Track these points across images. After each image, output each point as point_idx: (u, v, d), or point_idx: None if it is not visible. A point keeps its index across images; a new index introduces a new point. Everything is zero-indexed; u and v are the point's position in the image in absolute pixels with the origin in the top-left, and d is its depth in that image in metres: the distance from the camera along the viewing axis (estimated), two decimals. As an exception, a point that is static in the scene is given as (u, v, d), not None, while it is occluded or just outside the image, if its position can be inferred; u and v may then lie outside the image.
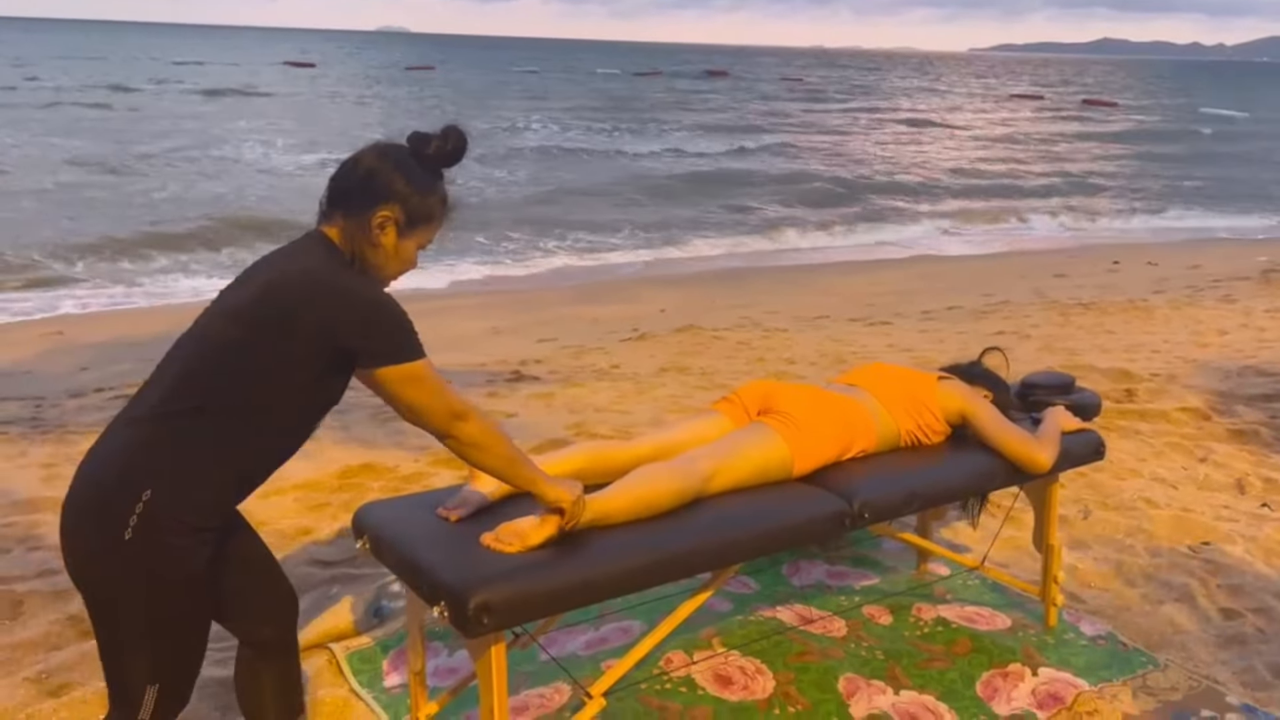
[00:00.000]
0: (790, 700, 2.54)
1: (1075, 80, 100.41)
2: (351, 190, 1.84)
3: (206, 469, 1.75)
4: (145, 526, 1.69)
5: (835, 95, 57.90)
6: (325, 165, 21.68)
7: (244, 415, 1.76)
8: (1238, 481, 4.30)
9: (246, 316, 1.76)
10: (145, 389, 1.81)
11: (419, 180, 1.86)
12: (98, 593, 1.75)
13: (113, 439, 1.77)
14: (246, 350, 1.74)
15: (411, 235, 1.87)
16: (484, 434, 1.86)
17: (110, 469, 1.72)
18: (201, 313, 1.86)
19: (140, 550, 1.69)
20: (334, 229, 1.86)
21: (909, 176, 24.21)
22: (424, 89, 49.08)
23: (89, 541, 1.71)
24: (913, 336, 8.26)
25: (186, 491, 1.73)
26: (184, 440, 1.73)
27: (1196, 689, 2.69)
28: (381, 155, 1.86)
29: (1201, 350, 7.06)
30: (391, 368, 1.77)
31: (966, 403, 2.75)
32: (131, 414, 1.78)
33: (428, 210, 1.87)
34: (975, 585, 3.25)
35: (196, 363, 1.76)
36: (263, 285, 1.78)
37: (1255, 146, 34.34)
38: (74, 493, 1.75)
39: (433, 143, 1.88)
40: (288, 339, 1.74)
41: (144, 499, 1.68)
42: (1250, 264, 12.90)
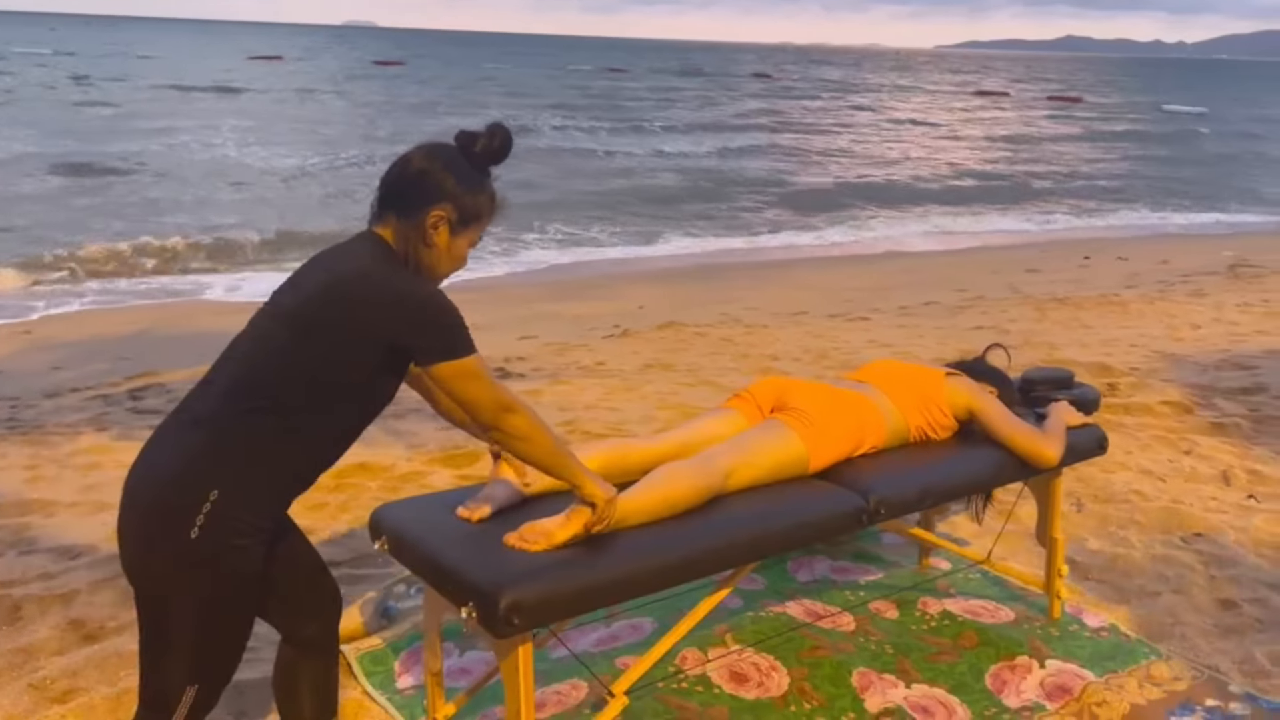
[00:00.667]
0: (806, 696, 2.56)
1: (1041, 77, 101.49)
2: (404, 191, 1.86)
3: (269, 469, 1.79)
4: (212, 526, 1.72)
5: (808, 92, 58.15)
6: (304, 169, 21.52)
7: (303, 416, 1.79)
8: (1223, 474, 4.37)
9: (303, 319, 1.78)
10: (200, 391, 1.83)
11: (469, 179, 1.88)
12: (157, 590, 1.76)
13: (172, 440, 1.79)
14: (304, 352, 1.77)
15: (463, 234, 1.89)
16: (531, 427, 1.89)
17: (174, 469, 1.74)
18: (255, 314, 1.89)
19: (205, 549, 1.72)
20: (387, 230, 1.88)
21: (878, 172, 24.39)
22: (396, 85, 48.65)
23: (154, 541, 1.73)
24: (892, 332, 8.32)
25: (250, 492, 1.77)
26: (247, 441, 1.76)
27: (1199, 679, 2.74)
28: (431, 155, 1.88)
29: (1177, 344, 7.17)
30: (446, 364, 1.80)
31: (974, 399, 2.78)
32: (189, 415, 1.80)
33: (478, 208, 1.89)
34: (977, 579, 3.28)
35: (254, 365, 1.79)
36: (319, 287, 1.80)
37: (1215, 142, 34.92)
38: (135, 493, 1.77)
39: (480, 140, 1.90)
40: (345, 340, 1.77)
41: (211, 499, 1.72)
42: (1216, 259, 13.12)
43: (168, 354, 7.69)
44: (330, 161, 21.87)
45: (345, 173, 20.52)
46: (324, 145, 24.82)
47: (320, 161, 21.88)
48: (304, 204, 17.30)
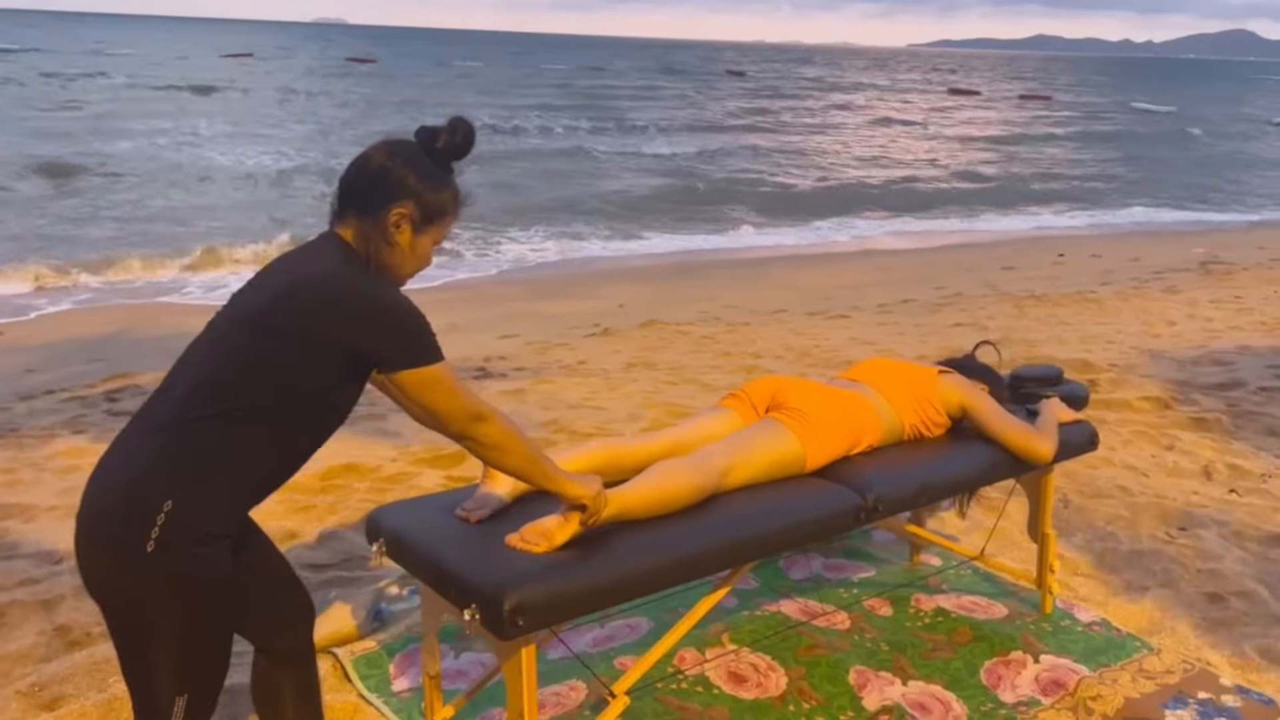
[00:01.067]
0: (804, 696, 2.56)
1: (1015, 76, 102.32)
2: (364, 189, 1.80)
3: (227, 477, 1.71)
4: (167, 537, 1.65)
5: (784, 91, 58.31)
6: (282, 168, 21.33)
7: (263, 422, 1.72)
8: (1204, 468, 4.42)
9: (264, 322, 1.71)
10: (157, 398, 1.76)
11: (431, 175, 1.82)
12: (120, 605, 1.70)
13: (127, 449, 1.72)
14: (265, 356, 1.70)
15: (427, 232, 1.83)
16: (504, 435, 1.83)
17: (128, 480, 1.68)
18: (214, 316, 1.82)
19: (163, 561, 1.66)
20: (347, 230, 1.81)
21: (853, 171, 24.51)
22: (370, 83, 48.30)
23: (110, 554, 1.67)
24: (872, 329, 8.36)
25: (207, 500, 1.69)
26: (203, 449, 1.69)
27: (1191, 671, 2.76)
28: (391, 152, 1.81)
29: (1154, 340, 7.25)
30: (410, 372, 1.74)
31: (967, 396, 2.79)
32: (145, 424, 1.73)
33: (441, 205, 1.83)
34: (968, 575, 3.30)
35: (213, 370, 1.72)
36: (279, 290, 1.74)
37: (1184, 140, 35.35)
38: (90, 505, 1.70)
39: (441, 136, 1.84)
40: (306, 344, 1.71)
41: (165, 510, 1.65)
42: (1187, 256, 13.28)
43: (143, 355, 7.59)
44: (308, 161, 21.69)
45: (321, 172, 20.36)
46: (301, 144, 24.61)
47: (297, 161, 21.69)
48: (280, 203, 17.15)
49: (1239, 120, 46.98)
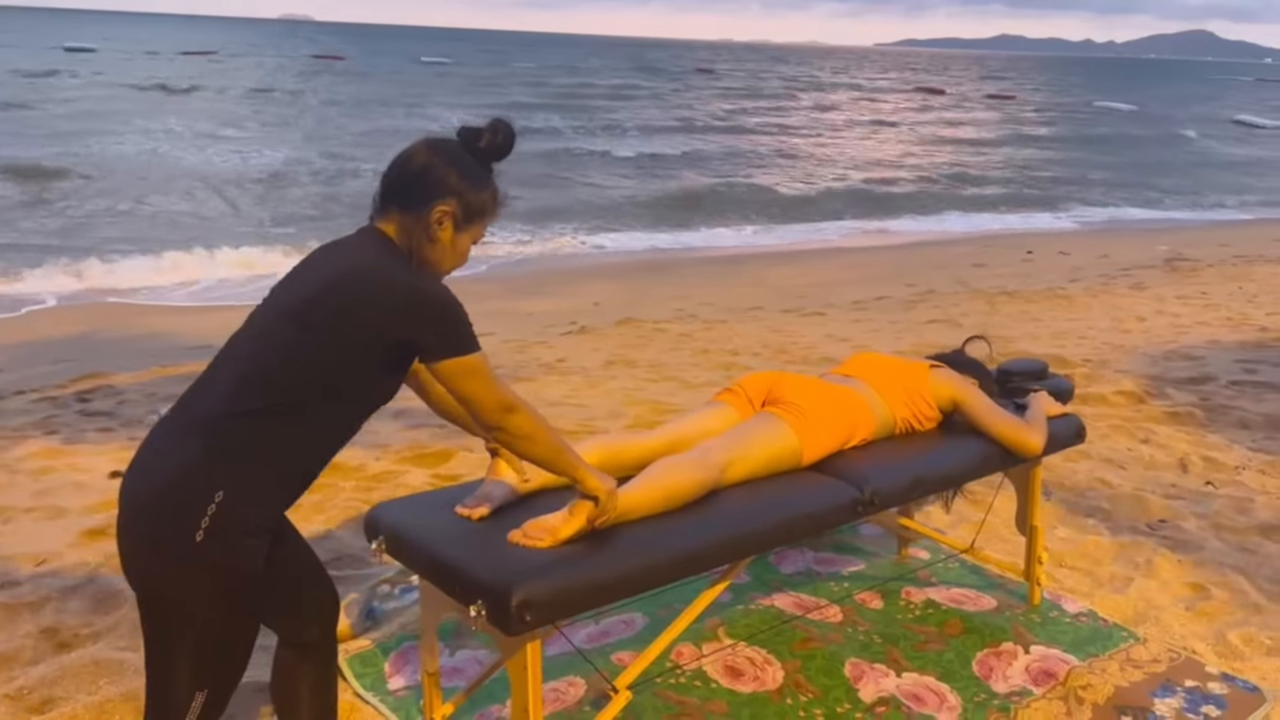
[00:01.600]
0: (801, 689, 2.58)
1: (980, 75, 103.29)
2: (408, 186, 1.84)
3: (274, 469, 1.75)
4: (217, 528, 1.68)
5: (755, 90, 58.49)
6: (254, 169, 21.10)
7: (308, 413, 1.76)
8: (1180, 461, 4.49)
9: (307, 315, 1.75)
10: (198, 392, 1.79)
11: (473, 175, 1.86)
12: (163, 595, 1.72)
13: (171, 442, 1.75)
14: (309, 349, 1.73)
15: (467, 230, 1.87)
16: (533, 426, 1.87)
17: (177, 472, 1.70)
18: (253, 312, 1.85)
19: (212, 553, 1.69)
20: (389, 225, 1.85)
21: (823, 169, 24.65)
22: (340, 82, 47.84)
23: (159, 545, 1.69)
24: (848, 326, 8.41)
25: (256, 492, 1.73)
26: (252, 442, 1.72)
27: (1177, 660, 2.81)
28: (435, 150, 1.86)
29: (1125, 336, 7.35)
30: (452, 361, 1.77)
31: (958, 391, 2.82)
32: (188, 418, 1.76)
33: (482, 205, 1.88)
34: (956, 568, 3.33)
35: (258, 364, 1.75)
36: (322, 283, 1.77)
37: (1146, 139, 35.87)
38: (136, 497, 1.73)
39: (484, 136, 1.88)
40: (348, 337, 1.74)
41: (216, 501, 1.68)
42: (1153, 253, 13.48)
43: (113, 356, 7.49)
44: (275, 160, 21.48)
45: (296, 173, 20.18)
46: (268, 143, 24.37)
47: (264, 160, 21.49)
48: (246, 203, 16.99)
49: (1201, 119, 47.73)
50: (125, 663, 2.69)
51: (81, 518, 3.74)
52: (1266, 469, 4.40)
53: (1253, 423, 5.02)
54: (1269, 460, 4.50)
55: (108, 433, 4.97)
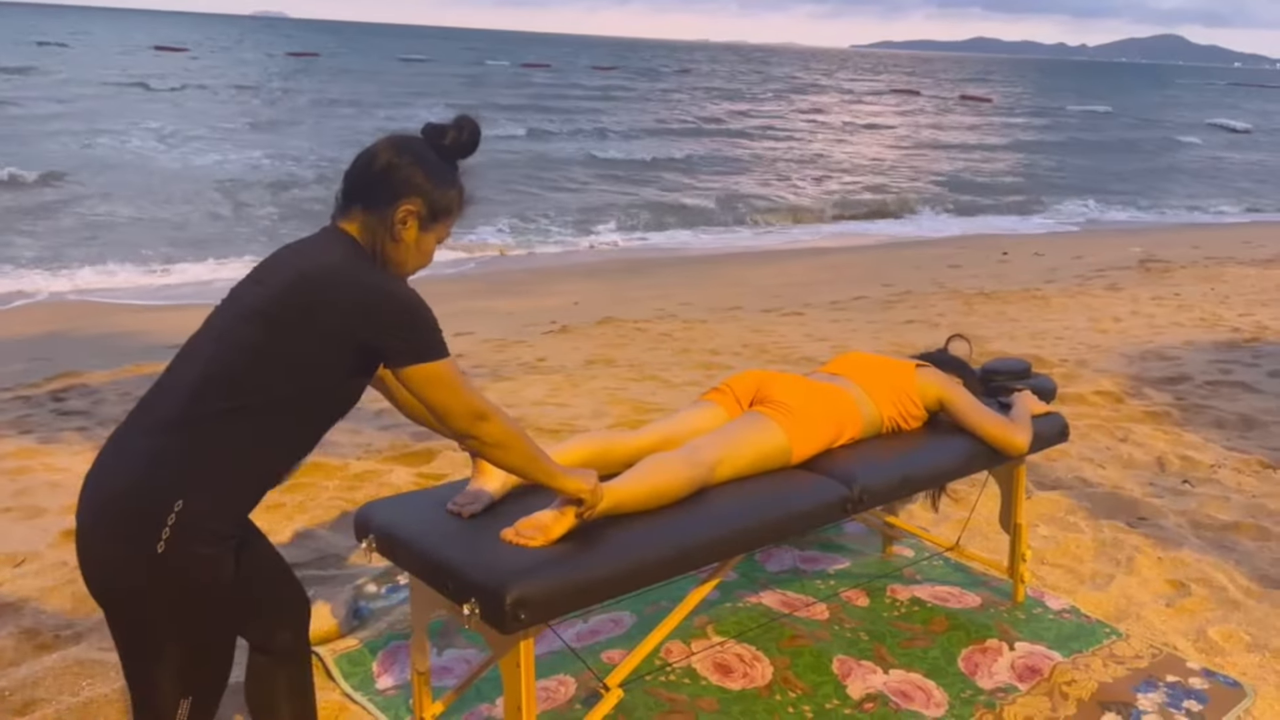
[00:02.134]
0: (790, 685, 2.59)
1: (953, 76, 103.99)
2: (371, 185, 1.79)
3: (235, 474, 1.69)
4: (178, 537, 1.62)
5: (732, 89, 58.59)
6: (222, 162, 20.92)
7: (271, 417, 1.70)
8: (1158, 460, 4.54)
9: (268, 315, 1.69)
10: (157, 395, 1.73)
11: (438, 173, 1.82)
12: (127, 607, 1.67)
13: (129, 447, 1.69)
14: (270, 351, 1.68)
15: (432, 229, 1.83)
16: (505, 434, 1.82)
17: (136, 480, 1.64)
18: (213, 313, 1.79)
19: (173, 562, 1.63)
20: (352, 224, 1.80)
21: (801, 168, 24.75)
22: (310, 78, 47.50)
23: (118, 556, 1.64)
24: (827, 326, 8.45)
25: (217, 498, 1.67)
26: (212, 446, 1.66)
27: (1159, 656, 2.84)
28: (399, 149, 1.80)
29: (1102, 336, 7.43)
30: (417, 367, 1.72)
31: (945, 390, 2.84)
32: (147, 421, 1.70)
33: (448, 203, 1.83)
34: (940, 566, 3.36)
35: (219, 366, 1.69)
36: (285, 284, 1.71)
37: (1118, 142, 36.25)
38: (94, 507, 1.67)
39: (449, 134, 1.84)
40: (312, 338, 1.69)
41: (176, 509, 1.62)
42: (1126, 254, 13.62)
43: (85, 355, 7.40)
44: (248, 160, 21.32)
45: (268, 175, 20.03)
46: (242, 143, 24.18)
47: (237, 160, 21.32)
48: (219, 203, 16.84)
49: (1174, 122, 48.29)
50: (108, 663, 2.67)
51: (60, 518, 3.70)
52: (1241, 468, 4.46)
53: (1227, 422, 5.08)
54: (1243, 459, 4.56)
55: (83, 432, 4.91)
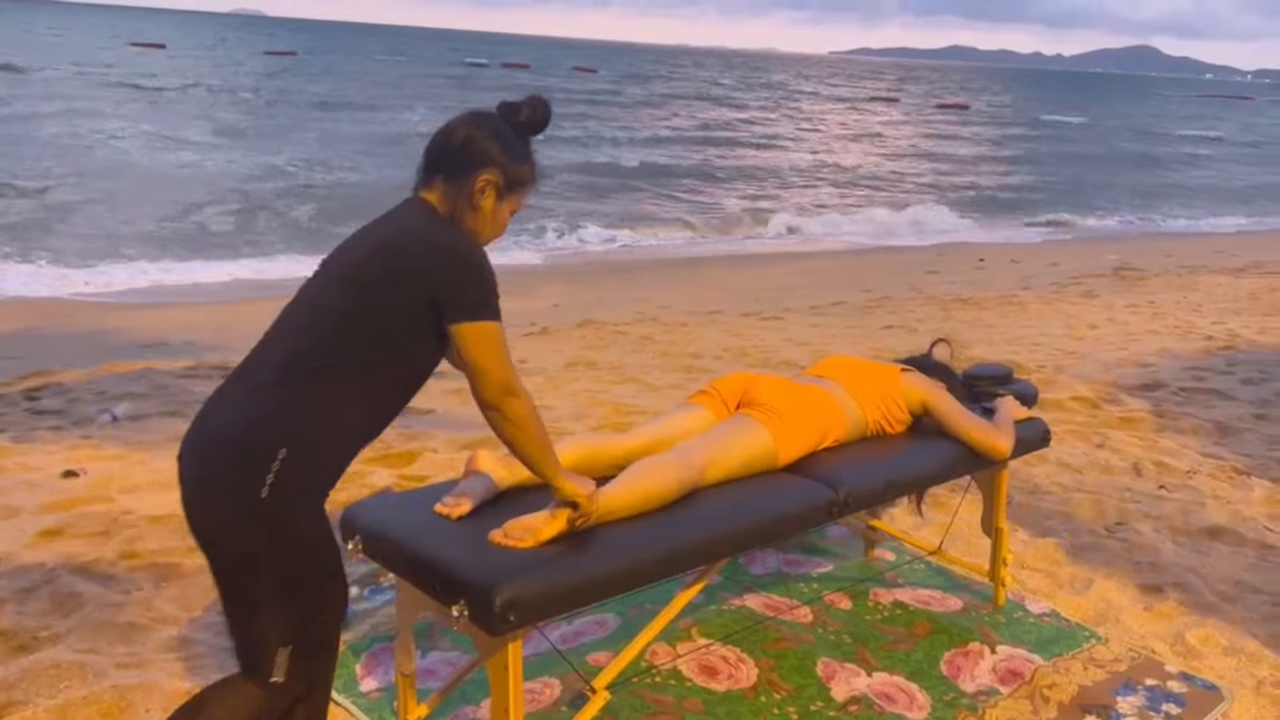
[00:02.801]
0: (775, 687, 2.59)
1: (930, 83, 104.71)
2: (451, 157, 1.91)
3: (330, 432, 1.79)
4: (281, 485, 1.72)
5: (714, 92, 58.75)
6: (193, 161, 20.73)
7: (359, 379, 1.80)
8: (1134, 465, 4.59)
9: (355, 278, 1.82)
10: (253, 362, 1.84)
11: (514, 147, 1.94)
12: (233, 552, 1.76)
13: (231, 405, 1.79)
14: (356, 314, 1.79)
15: (507, 200, 1.94)
16: (528, 416, 1.88)
17: (241, 431, 1.74)
18: (305, 283, 1.92)
19: (275, 509, 1.72)
20: (433, 194, 1.92)
21: (779, 175, 24.85)
22: (292, 79, 47.16)
23: (226, 502, 1.73)
24: (806, 331, 8.48)
25: (316, 452, 1.77)
26: (309, 404, 1.76)
27: (1138, 660, 2.87)
28: (477, 123, 1.93)
29: (1078, 343, 7.50)
30: (470, 324, 1.81)
31: (929, 394, 2.86)
32: (247, 383, 1.81)
33: (522, 176, 1.95)
34: (922, 569, 3.38)
35: (310, 331, 1.81)
36: (368, 248, 1.85)
37: (1092, 151, 36.64)
38: (200, 458, 1.77)
39: (523, 111, 1.97)
40: (394, 300, 1.80)
41: (280, 457, 1.72)
42: (1102, 262, 13.76)
43: (61, 352, 7.31)
44: (224, 159, 21.17)
45: (241, 170, 19.90)
46: (219, 143, 24.02)
47: (213, 159, 21.16)
48: (193, 200, 16.72)
49: (1145, 133, 48.85)
50: (86, 665, 2.64)
51: (36, 518, 3.65)
52: (1216, 473, 4.51)
53: (1202, 429, 5.14)
54: (1218, 465, 4.62)
55: (58, 431, 4.86)
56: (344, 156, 22.35)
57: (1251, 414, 5.38)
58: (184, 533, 3.42)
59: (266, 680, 1.78)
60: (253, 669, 1.80)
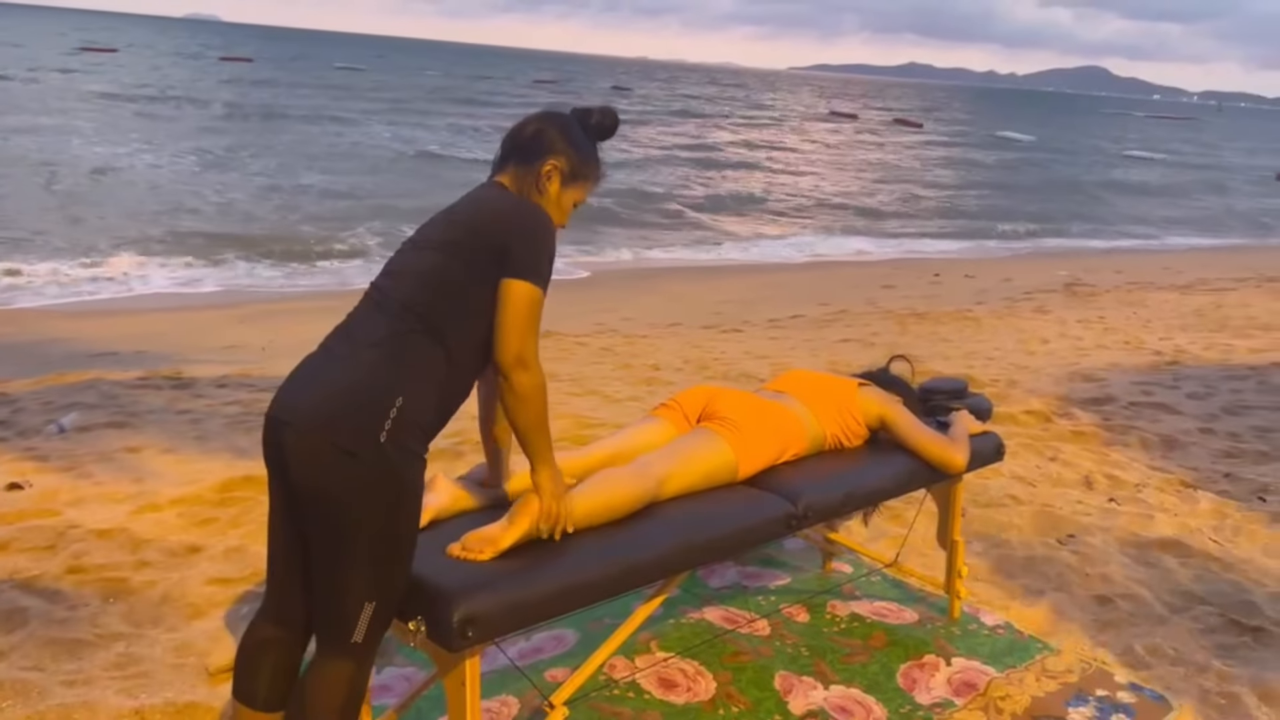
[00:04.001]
0: (733, 700, 2.60)
1: (887, 100, 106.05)
2: (523, 145, 2.09)
3: (436, 386, 1.89)
4: (398, 430, 1.81)
5: (675, 109, 59.02)
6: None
7: (452, 339, 1.91)
8: (1085, 478, 4.67)
9: (442, 246, 1.96)
10: (360, 321, 1.94)
11: (580, 142, 2.12)
12: (342, 497, 1.79)
13: (349, 358, 1.87)
14: (451, 278, 1.92)
15: (571, 188, 2.11)
16: (534, 392, 1.96)
17: (360, 378, 1.83)
18: (394, 257, 2.04)
19: (392, 453, 1.80)
20: (506, 177, 2.09)
21: (736, 188, 25.02)
22: (247, 87, 46.64)
23: (346, 447, 1.78)
24: (765, 344, 8.54)
25: (425, 404, 1.87)
26: (417, 360, 1.87)
27: (1089, 671, 2.92)
28: (549, 119, 2.12)
29: (1030, 358, 7.62)
30: (521, 282, 1.92)
31: (886, 408, 2.89)
32: (360, 339, 1.90)
33: (586, 168, 2.12)
34: (878, 582, 3.41)
35: (411, 294, 1.92)
36: (450, 221, 2.01)
37: (1044, 167, 37.31)
38: (314, 406, 1.82)
39: (594, 115, 2.16)
40: (477, 258, 1.93)
41: (397, 405, 1.81)
42: (1053, 277, 14.01)
43: (2, 362, 7.15)
44: (172, 164, 20.88)
45: (185, 174, 19.63)
46: (177, 149, 23.69)
47: (165, 164, 20.87)
48: (136, 206, 16.47)
49: (1095, 152, 49.86)
50: (30, 683, 2.57)
51: (-21, 531, 3.56)
52: (1164, 487, 4.60)
53: (1151, 443, 5.24)
54: (1166, 478, 4.71)
55: (3, 443, 4.74)
56: (297, 166, 22.15)
57: (1197, 428, 5.50)
58: (132, 547, 3.38)
59: (349, 642, 1.83)
60: (334, 633, 1.84)
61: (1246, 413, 5.85)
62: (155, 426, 4.95)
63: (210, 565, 3.28)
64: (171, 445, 4.62)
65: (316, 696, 1.84)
